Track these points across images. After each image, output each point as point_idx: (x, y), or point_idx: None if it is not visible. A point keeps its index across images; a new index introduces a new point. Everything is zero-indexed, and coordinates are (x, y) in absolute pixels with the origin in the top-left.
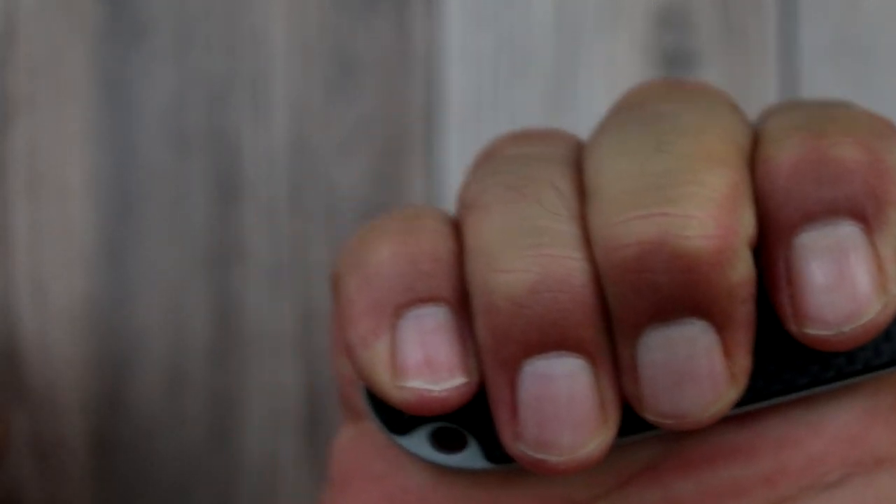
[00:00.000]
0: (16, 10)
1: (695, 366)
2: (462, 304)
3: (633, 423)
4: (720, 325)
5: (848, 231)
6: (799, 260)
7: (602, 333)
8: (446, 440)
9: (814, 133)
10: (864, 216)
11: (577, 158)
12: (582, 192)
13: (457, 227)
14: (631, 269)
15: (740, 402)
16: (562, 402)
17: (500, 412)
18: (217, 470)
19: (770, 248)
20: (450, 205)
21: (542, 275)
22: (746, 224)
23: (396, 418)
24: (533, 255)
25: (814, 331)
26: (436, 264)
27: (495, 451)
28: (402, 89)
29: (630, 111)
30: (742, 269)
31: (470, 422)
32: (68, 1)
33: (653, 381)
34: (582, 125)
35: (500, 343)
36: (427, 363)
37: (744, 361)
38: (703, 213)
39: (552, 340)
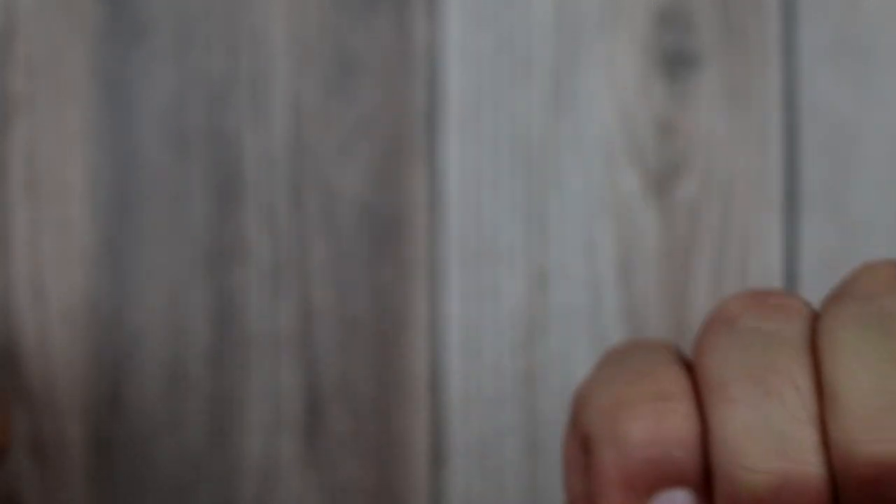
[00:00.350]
0: (15, 10)
1: None
2: (706, 483)
3: None
4: None
5: None
6: None
7: None
8: None
9: None
10: None
11: (813, 342)
12: (820, 390)
13: (699, 400)
14: (867, 486)
15: None
16: None
17: None
18: (217, 470)
19: None
20: (449, 204)
21: (784, 479)
22: None
23: None
24: (776, 460)
25: None
26: (685, 452)
27: None
28: (403, 89)
29: (861, 304)
30: None
31: None
32: (68, 1)
33: None
34: (582, 125)
35: None
36: None
37: None
38: None
39: None
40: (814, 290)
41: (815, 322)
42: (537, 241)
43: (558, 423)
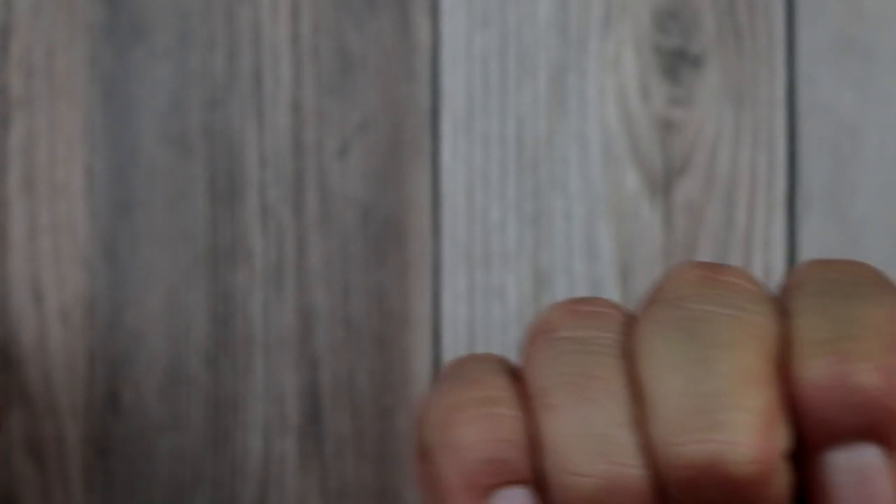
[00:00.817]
0: (14, 9)
1: None
2: (541, 481)
3: None
4: None
5: (871, 454)
6: (828, 478)
7: None
8: None
9: (838, 356)
10: (887, 440)
11: (628, 346)
12: (637, 393)
13: (526, 406)
14: (684, 488)
15: None
16: None
17: None
18: (217, 470)
19: (805, 459)
20: (450, 204)
21: (608, 481)
22: (781, 441)
23: None
24: (599, 463)
25: None
26: (517, 453)
27: None
28: (403, 89)
29: (669, 309)
30: (780, 482)
31: None
32: (67, 0)
33: None
34: (583, 125)
35: None
36: None
37: None
38: (746, 440)
39: None
40: None
41: (630, 327)
42: (537, 241)
43: None
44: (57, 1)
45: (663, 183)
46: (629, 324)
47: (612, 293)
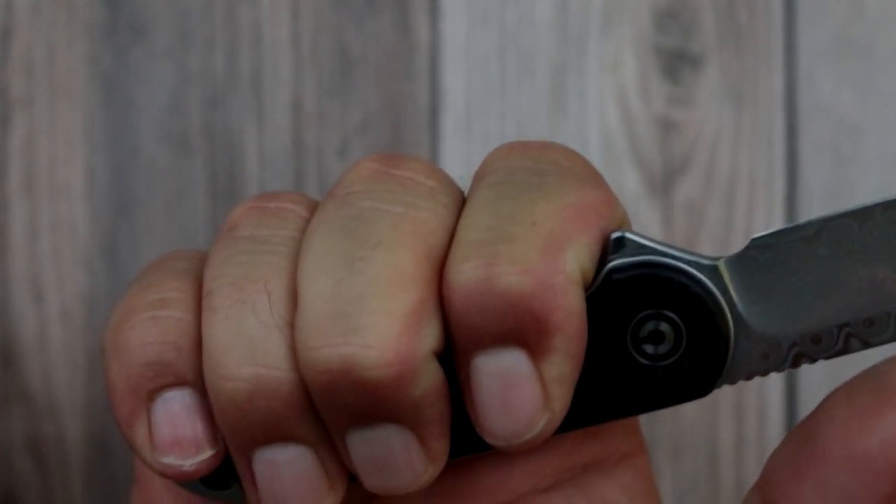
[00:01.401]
0: (14, 10)
1: (393, 458)
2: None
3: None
4: (411, 426)
5: (514, 358)
6: (474, 381)
7: (316, 426)
8: (215, 480)
9: (488, 259)
10: (529, 344)
11: (300, 248)
12: (294, 293)
13: (198, 308)
14: (324, 391)
15: (460, 455)
16: (288, 481)
17: (244, 484)
18: None
19: (456, 360)
20: None
21: (256, 385)
22: (429, 341)
23: None
24: (247, 367)
25: (490, 441)
26: (179, 353)
27: None
28: (403, 89)
29: (338, 207)
30: (426, 382)
31: (232, 468)
32: (67, 0)
33: (362, 467)
34: (583, 125)
35: (231, 435)
36: (177, 442)
37: (439, 446)
38: (381, 343)
39: (273, 435)
40: None
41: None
42: None
43: None
44: (57, 1)
45: (663, 183)
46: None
47: None
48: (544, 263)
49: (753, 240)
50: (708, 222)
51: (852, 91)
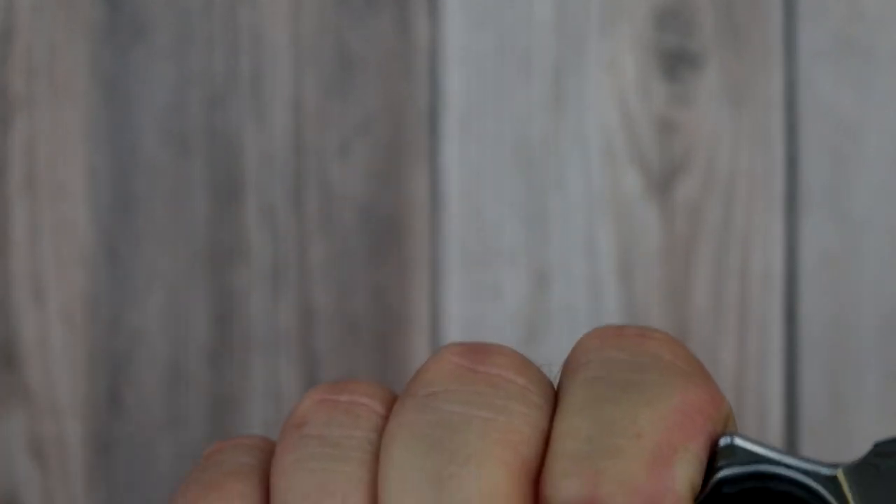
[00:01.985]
0: (15, 10)
1: None
2: None
3: None
4: None
5: None
6: None
7: None
8: None
9: (590, 477)
10: None
11: (376, 451)
12: None
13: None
14: None
15: None
16: None
17: None
18: None
19: None
20: (449, 204)
21: None
22: None
23: None
24: None
25: None
26: None
27: None
28: (403, 89)
29: (421, 410)
30: None
31: None
32: (68, 0)
33: None
34: (582, 125)
35: None
36: None
37: None
38: None
39: None
40: (814, 291)
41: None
42: (537, 241)
43: None
44: (58, 1)
45: (663, 183)
46: (388, 417)
47: (611, 293)
48: (652, 482)
49: (876, 445)
50: (707, 222)
51: (852, 91)
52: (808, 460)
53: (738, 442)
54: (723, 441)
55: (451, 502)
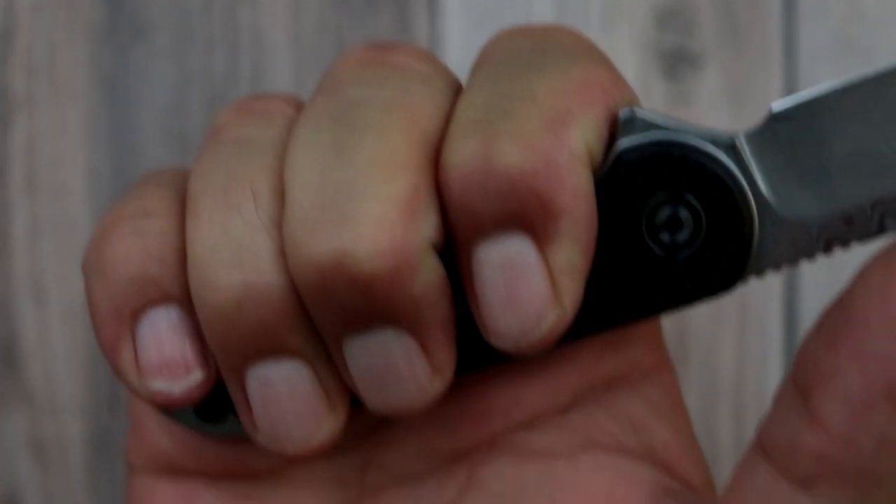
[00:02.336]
0: (15, 9)
1: (395, 368)
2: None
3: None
4: (411, 329)
5: (518, 245)
6: (476, 275)
7: (311, 336)
8: (210, 413)
9: (486, 137)
10: (534, 229)
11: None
12: (282, 192)
13: (182, 217)
14: (316, 291)
15: (469, 370)
16: (283, 401)
17: (239, 409)
18: None
19: (457, 252)
20: None
21: (244, 293)
22: (427, 231)
23: None
24: (234, 274)
25: (497, 343)
26: (163, 267)
27: None
28: None
29: (327, 97)
30: (425, 277)
31: (226, 397)
32: (68, 0)
33: (362, 381)
34: None
35: (222, 352)
36: (164, 364)
37: (444, 354)
38: (375, 232)
39: (265, 349)
40: (813, 291)
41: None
42: None
43: None
44: (58, 1)
45: None
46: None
47: None
48: (547, 140)
49: (773, 111)
50: None
51: None
52: (707, 129)
53: (639, 113)
54: (622, 113)
55: (351, 166)
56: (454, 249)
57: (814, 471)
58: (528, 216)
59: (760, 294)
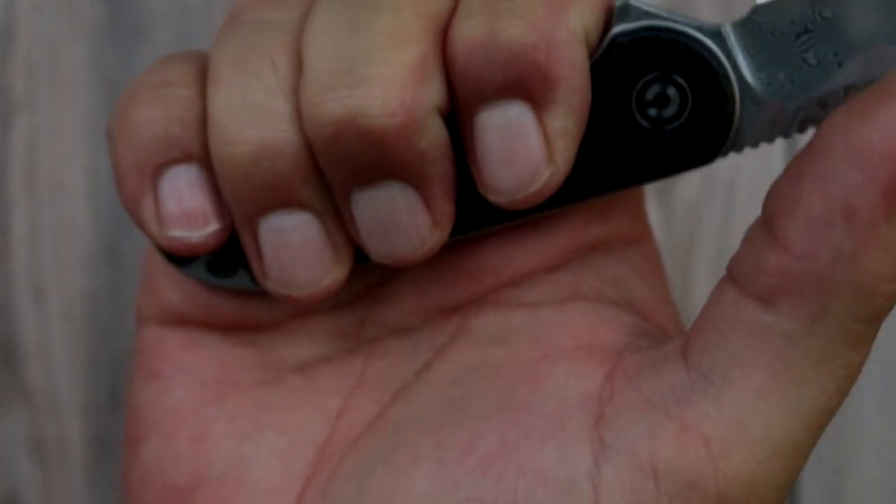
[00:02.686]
0: (16, 9)
1: (398, 219)
2: (211, 157)
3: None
4: (416, 183)
5: (518, 111)
6: (477, 137)
7: (321, 191)
8: (220, 267)
9: (491, 15)
10: (532, 96)
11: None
12: (299, 63)
13: (203, 85)
14: (329, 144)
15: (466, 231)
16: (294, 249)
17: (250, 257)
18: None
19: (460, 120)
20: None
21: (260, 147)
22: (433, 96)
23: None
24: (251, 130)
25: (493, 198)
26: (185, 129)
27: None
28: None
29: None
30: (431, 136)
31: (237, 253)
32: (68, 0)
33: (368, 232)
34: None
35: (237, 203)
36: (184, 215)
37: (444, 209)
38: (385, 93)
39: (278, 200)
40: None
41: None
42: None
43: None
44: (58, 1)
45: (662, 183)
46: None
47: None
48: (548, 17)
49: (758, 4)
50: (707, 222)
51: None
52: (696, 19)
53: (633, 2)
54: (618, 2)
55: (366, 37)
56: (458, 117)
57: (776, 287)
58: (527, 84)
59: None
